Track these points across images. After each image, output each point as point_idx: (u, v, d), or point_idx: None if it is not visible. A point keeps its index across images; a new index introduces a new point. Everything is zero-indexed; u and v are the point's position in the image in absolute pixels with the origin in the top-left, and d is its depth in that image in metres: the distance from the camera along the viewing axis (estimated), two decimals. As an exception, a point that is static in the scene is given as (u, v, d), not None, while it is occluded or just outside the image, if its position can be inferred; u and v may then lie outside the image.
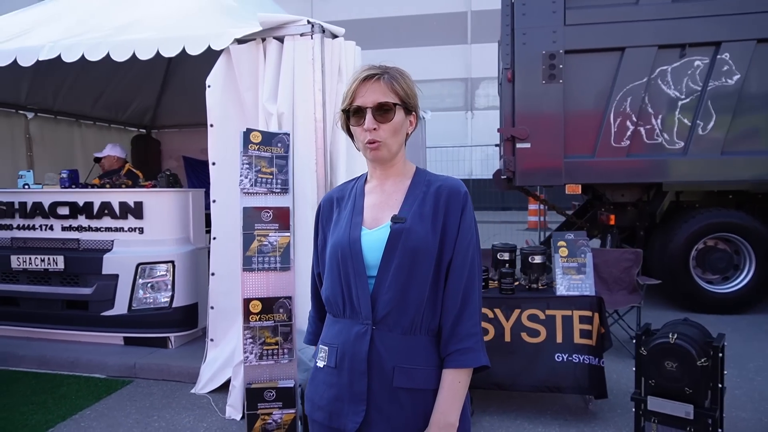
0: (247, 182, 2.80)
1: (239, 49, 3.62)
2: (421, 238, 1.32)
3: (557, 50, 5.48)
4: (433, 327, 1.34)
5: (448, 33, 18.03)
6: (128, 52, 3.77)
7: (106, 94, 7.46)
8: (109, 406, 3.47)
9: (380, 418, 1.30)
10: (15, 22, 4.80)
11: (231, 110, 3.68)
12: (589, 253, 3.41)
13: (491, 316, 3.33)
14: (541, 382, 3.24)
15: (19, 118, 6.83)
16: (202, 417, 3.31)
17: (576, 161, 5.53)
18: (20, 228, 4.51)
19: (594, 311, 3.26)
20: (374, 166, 1.43)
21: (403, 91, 1.36)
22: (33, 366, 4.15)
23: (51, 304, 4.41)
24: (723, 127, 5.26)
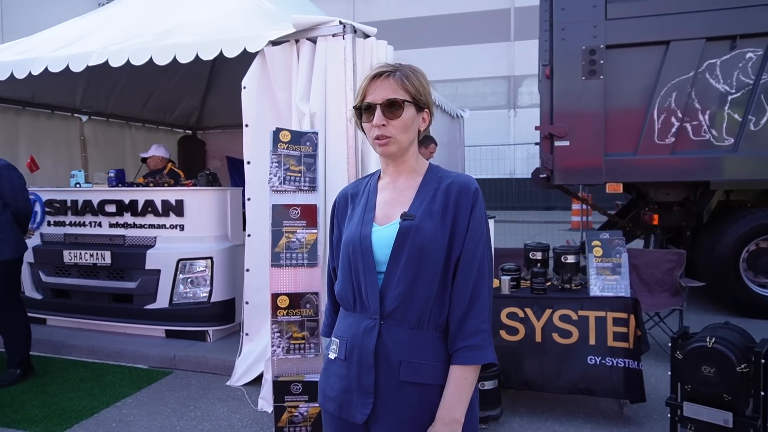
0: (276, 180, 2.87)
1: (273, 50, 3.71)
2: (429, 235, 1.33)
3: (598, 45, 5.33)
4: (441, 323, 1.35)
5: (491, 30, 17.82)
6: (169, 55, 3.93)
7: (154, 97, 7.77)
8: (149, 395, 3.63)
9: (387, 411, 1.32)
10: (68, 30, 5.08)
11: (266, 110, 3.78)
12: (625, 253, 3.31)
13: (522, 316, 3.29)
14: (573, 384, 3.17)
15: (75, 121, 7.21)
16: (235, 408, 3.41)
17: (617, 159, 5.36)
18: (72, 225, 4.78)
19: (629, 313, 3.17)
20: (386, 162, 1.46)
21: (414, 88, 1.38)
22: (83, 355, 4.38)
23: (99, 297, 4.65)
24: (777, 122, 4.99)
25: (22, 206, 3.81)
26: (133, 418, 3.30)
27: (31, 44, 4.97)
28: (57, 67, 4.22)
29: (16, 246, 3.81)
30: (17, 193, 3.78)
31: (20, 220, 3.85)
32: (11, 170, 3.80)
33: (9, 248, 3.76)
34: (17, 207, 3.78)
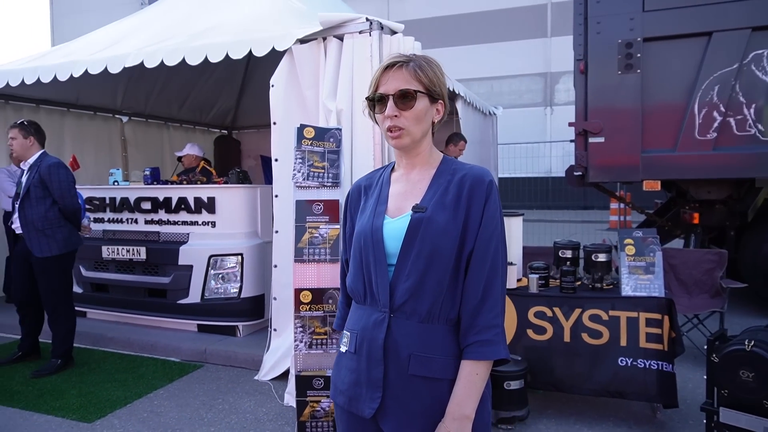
0: (300, 176, 2.89)
1: (301, 48, 3.74)
2: (440, 227, 1.30)
3: (635, 38, 5.16)
4: (452, 317, 1.32)
5: (528, 27, 17.53)
6: (201, 56, 4.02)
7: (191, 98, 7.97)
8: (180, 388, 3.72)
9: (396, 406, 1.31)
10: (109, 33, 5.27)
11: (293, 108, 3.81)
12: (659, 251, 3.18)
13: (550, 315, 3.21)
14: (603, 387, 3.07)
15: (115, 122, 7.48)
16: (262, 402, 3.45)
17: (655, 156, 5.17)
18: (110, 221, 4.94)
19: (663, 314, 3.05)
20: (400, 154, 1.44)
21: (428, 79, 1.35)
22: (119, 347, 4.53)
23: (135, 292, 4.79)
24: (830, 115, 4.72)
25: (69, 203, 3.94)
26: (164, 409, 3.39)
27: (74, 47, 5.17)
28: (96, 69, 4.37)
29: (65, 243, 3.95)
30: (64, 191, 3.91)
31: (69, 217, 3.99)
32: (60, 168, 3.94)
33: (57, 245, 3.91)
34: (64, 204, 3.92)
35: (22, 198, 3.93)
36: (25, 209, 3.92)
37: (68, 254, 4.03)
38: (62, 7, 23.65)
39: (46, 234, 3.91)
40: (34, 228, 3.90)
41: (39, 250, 3.90)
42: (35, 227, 3.90)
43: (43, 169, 3.91)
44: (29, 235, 3.92)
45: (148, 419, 3.25)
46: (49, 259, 3.91)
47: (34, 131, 4.04)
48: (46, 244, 3.90)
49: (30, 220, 3.90)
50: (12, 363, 4.15)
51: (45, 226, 3.91)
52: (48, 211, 3.92)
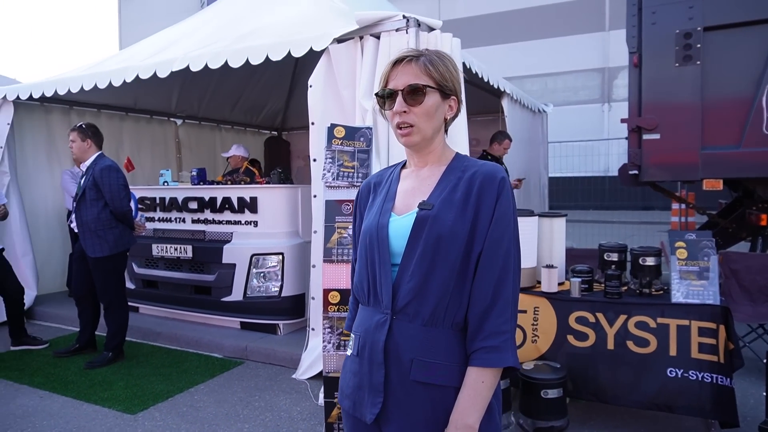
0: (330, 176, 2.88)
1: (338, 48, 3.74)
2: (447, 225, 1.24)
3: (694, 28, 4.84)
4: (459, 321, 1.25)
5: (584, 21, 16.90)
6: (242, 58, 4.10)
7: (242, 100, 8.19)
8: (220, 384, 3.80)
9: (399, 412, 1.26)
10: (159, 39, 5.47)
11: (331, 108, 3.81)
12: (714, 256, 2.96)
13: (592, 321, 3.05)
14: (650, 399, 2.88)
15: (170, 124, 7.78)
16: (297, 401, 3.47)
17: (716, 153, 4.83)
18: (160, 220, 5.14)
19: (719, 323, 2.83)
20: (411, 153, 1.38)
21: (439, 74, 1.30)
22: (166, 342, 4.70)
23: (182, 289, 4.95)
24: None
25: (118, 206, 4.09)
26: (203, 404, 3.47)
27: (129, 54, 5.40)
28: (146, 74, 4.55)
29: (115, 243, 4.12)
30: (114, 193, 4.07)
31: (119, 219, 4.15)
32: (111, 171, 4.10)
33: (108, 245, 4.09)
34: (114, 206, 4.08)
35: (79, 199, 4.14)
36: (81, 210, 4.12)
37: (119, 254, 4.19)
38: (130, 15, 24.93)
39: (98, 235, 4.09)
40: (88, 229, 4.09)
41: (92, 251, 4.09)
42: (89, 228, 4.09)
43: (96, 172, 4.09)
44: (84, 235, 4.12)
45: (186, 413, 3.33)
46: (101, 259, 4.09)
47: (92, 134, 4.24)
48: (98, 245, 4.08)
49: (84, 221, 4.10)
50: (70, 354, 4.37)
51: (98, 227, 4.08)
52: (101, 213, 4.10)
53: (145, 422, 3.22)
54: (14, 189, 5.55)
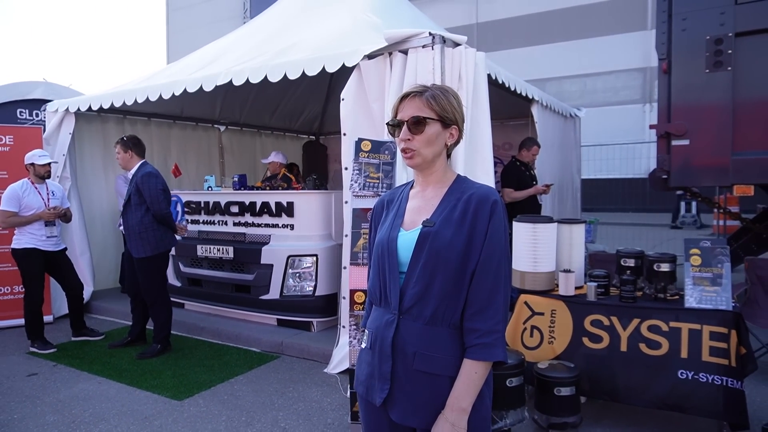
0: (357, 186, 3.12)
1: (368, 64, 3.98)
2: (446, 240, 1.46)
3: (726, 33, 4.85)
4: (455, 321, 1.47)
5: (624, 20, 16.60)
6: (280, 73, 4.39)
7: (281, 107, 8.56)
8: (258, 375, 4.10)
9: (403, 396, 1.49)
10: (205, 54, 5.85)
11: (361, 120, 4.06)
12: (728, 263, 3.04)
13: (607, 324, 3.18)
14: (661, 399, 3.00)
15: (214, 131, 8.22)
16: (328, 393, 3.73)
17: (747, 158, 4.81)
18: (204, 223, 5.51)
19: (730, 328, 2.92)
20: (416, 173, 1.61)
21: (440, 107, 1.52)
22: (209, 336, 5.05)
23: (224, 287, 5.30)
24: None
25: (157, 209, 4.42)
26: (242, 393, 3.77)
27: (178, 68, 5.81)
28: (193, 88, 4.91)
29: (156, 244, 4.48)
30: (153, 198, 4.41)
31: (161, 221, 4.50)
32: (151, 177, 4.47)
33: (150, 246, 4.46)
34: (154, 210, 4.42)
35: (125, 204, 4.53)
36: (127, 214, 4.51)
37: (161, 254, 4.54)
38: (177, 24, 25.95)
39: (141, 237, 4.45)
40: (133, 231, 4.47)
41: (136, 252, 4.46)
42: (134, 230, 4.46)
43: (138, 179, 4.46)
44: (129, 237, 4.51)
45: (227, 401, 3.64)
46: (144, 259, 4.46)
47: (132, 145, 4.61)
48: (141, 246, 4.45)
49: (130, 224, 4.48)
50: (123, 346, 4.78)
51: (141, 230, 4.45)
52: (144, 217, 4.46)
53: (191, 408, 3.55)
54: (74, 193, 6.04)
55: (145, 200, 4.42)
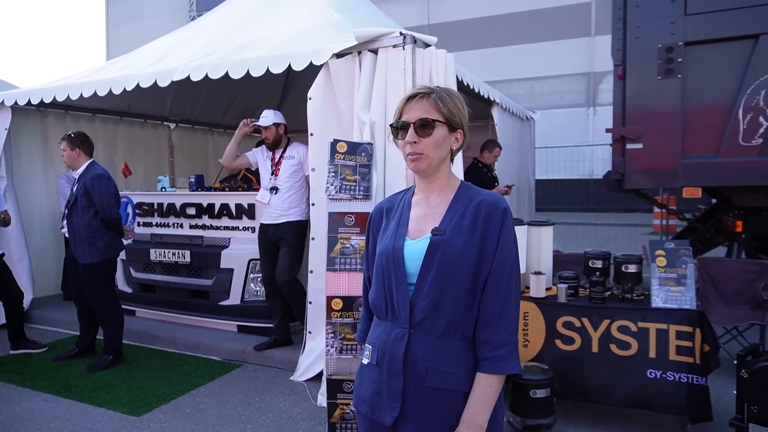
0: (333, 189, 3.02)
1: (337, 63, 3.87)
2: (457, 250, 1.40)
3: (676, 42, 5.07)
4: (468, 333, 1.41)
5: (571, 25, 17.21)
6: (243, 70, 4.21)
7: (235, 105, 8.27)
8: (220, 386, 3.92)
9: (414, 414, 1.41)
10: (159, 47, 5.56)
11: (329, 120, 3.95)
12: (691, 263, 3.16)
13: (578, 325, 3.23)
14: (631, 398, 3.08)
15: (164, 128, 7.86)
16: (297, 402, 3.61)
17: (695, 162, 5.07)
18: (158, 225, 5.23)
19: (695, 327, 3.03)
20: (420, 178, 1.53)
21: (448, 109, 1.45)
22: (164, 345, 4.80)
23: (180, 293, 5.06)
24: None
25: (108, 214, 4.16)
26: (205, 405, 3.59)
27: (127, 62, 5.49)
28: (147, 83, 4.64)
29: (104, 250, 4.20)
30: (104, 201, 4.14)
31: (110, 226, 4.23)
32: (103, 180, 4.18)
33: (98, 252, 4.17)
34: (104, 215, 4.15)
35: (70, 206, 4.23)
36: (72, 217, 4.21)
37: (109, 260, 4.28)
38: (117, 16, 24.77)
39: (89, 242, 4.17)
40: (79, 235, 4.17)
41: (82, 257, 4.18)
42: (80, 235, 4.17)
43: (88, 181, 4.17)
44: (74, 242, 4.21)
45: (190, 415, 3.45)
46: (91, 265, 4.18)
47: (80, 143, 4.31)
48: (88, 252, 4.17)
49: (75, 228, 4.18)
50: (70, 359, 4.46)
51: (88, 234, 4.17)
52: (91, 221, 4.17)
53: (151, 424, 3.34)
54: (11, 194, 5.60)
55: (93, 203, 4.14)
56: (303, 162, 4.32)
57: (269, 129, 4.43)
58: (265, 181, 4.38)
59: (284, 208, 4.30)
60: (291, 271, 4.30)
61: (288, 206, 4.31)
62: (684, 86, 5.06)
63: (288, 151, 4.44)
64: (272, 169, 4.38)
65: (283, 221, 4.29)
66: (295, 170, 4.35)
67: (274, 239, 4.32)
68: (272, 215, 4.32)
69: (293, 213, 4.32)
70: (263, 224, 4.38)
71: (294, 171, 4.35)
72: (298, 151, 4.39)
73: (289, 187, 4.32)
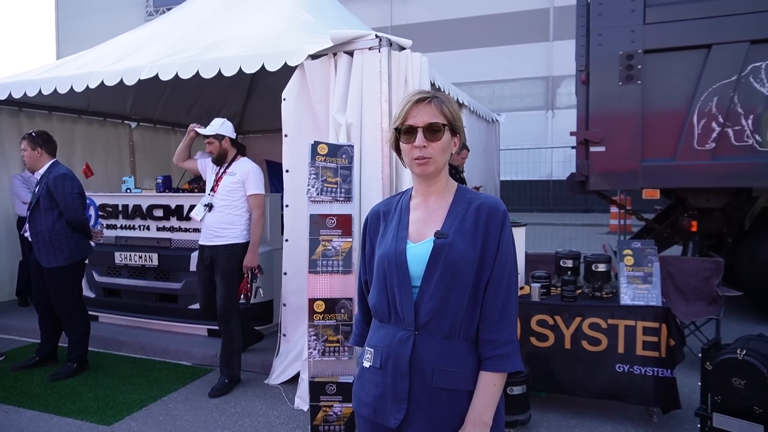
0: (314, 191, 3.01)
1: (312, 64, 3.86)
2: (461, 252, 1.43)
3: (636, 50, 5.29)
4: (471, 333, 1.45)
5: (530, 31, 17.66)
6: (215, 69, 4.14)
7: (199, 103, 8.10)
8: (193, 391, 3.84)
9: (420, 416, 1.43)
10: (121, 44, 5.40)
11: (304, 121, 3.94)
12: (657, 262, 3.31)
13: (551, 323, 3.34)
14: (601, 390, 3.23)
15: (125, 127, 7.62)
16: (273, 406, 3.58)
17: (654, 165, 5.30)
18: (123, 228, 5.08)
19: (661, 322, 3.18)
20: (419, 181, 1.54)
21: (451, 114, 1.48)
22: (131, 351, 4.66)
23: (147, 297, 4.92)
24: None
25: (73, 215, 4.00)
26: (179, 412, 3.51)
27: (88, 58, 5.30)
28: (112, 81, 4.50)
29: (70, 253, 4.04)
30: (68, 202, 3.99)
31: (75, 228, 4.07)
32: (66, 180, 4.02)
33: (64, 255, 4.01)
34: (68, 216, 3.99)
35: (33, 208, 4.05)
36: (35, 219, 4.03)
37: (75, 264, 4.12)
38: (68, 10, 23.81)
39: (53, 245, 4.01)
40: (43, 238, 4.00)
41: (47, 261, 4.01)
42: (44, 238, 4.00)
43: (50, 181, 4.01)
44: (38, 245, 4.03)
45: (164, 422, 3.37)
46: (56, 269, 4.01)
47: (42, 142, 4.13)
48: (53, 255, 4.01)
49: (39, 230, 4.01)
50: (30, 368, 4.27)
51: (52, 237, 4.00)
52: (56, 223, 4.01)
53: (123, 432, 3.25)
54: (-39, 195, 5.32)
55: (57, 204, 3.98)
56: (244, 180, 3.83)
57: (212, 141, 3.94)
58: (205, 196, 3.95)
59: (217, 229, 3.82)
60: (227, 303, 3.82)
61: (222, 227, 3.81)
62: (643, 92, 5.28)
63: (231, 167, 3.91)
64: (212, 185, 3.94)
65: (215, 243, 3.81)
66: (233, 188, 3.83)
67: (207, 263, 3.86)
68: (206, 235, 3.86)
69: (227, 235, 3.80)
70: (200, 245, 3.94)
71: (232, 189, 3.83)
72: (242, 169, 3.87)
73: (225, 206, 3.82)
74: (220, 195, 3.86)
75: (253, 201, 3.85)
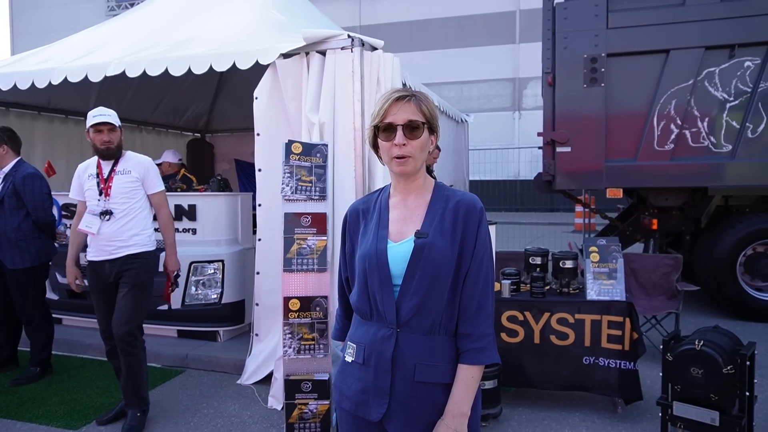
0: (288, 190, 3.02)
1: (284, 63, 3.85)
2: (441, 251, 1.46)
3: (599, 54, 5.46)
4: (451, 328, 1.49)
5: (496, 33, 17.95)
6: (184, 67, 4.08)
7: (165, 102, 7.95)
8: (164, 393, 3.79)
9: (401, 410, 1.47)
10: (85, 40, 5.26)
11: (276, 120, 3.92)
12: (621, 258, 3.44)
13: (521, 319, 3.43)
14: (569, 382, 3.35)
15: (87, 125, 7.38)
16: (246, 406, 3.56)
17: (617, 165, 5.49)
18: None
19: (624, 317, 3.30)
20: (398, 179, 1.56)
21: (429, 112, 1.50)
22: (97, 354, 4.54)
23: (114, 298, 4.79)
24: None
25: (42, 216, 3.92)
26: (149, 414, 3.44)
27: (50, 53, 5.14)
28: (76, 77, 4.38)
29: (37, 254, 3.94)
30: (37, 203, 3.89)
31: (42, 229, 3.97)
32: (35, 180, 3.92)
33: (30, 256, 3.90)
34: (37, 217, 3.90)
35: None
36: None
37: (41, 265, 4.02)
38: (23, 2, 22.95)
39: (19, 246, 3.89)
40: (8, 239, 3.88)
41: (12, 262, 3.89)
42: (8, 238, 3.88)
43: (17, 180, 3.89)
44: (2, 246, 3.90)
45: (134, 424, 3.31)
46: (22, 271, 3.90)
47: (8, 139, 4.01)
48: (18, 256, 3.89)
49: (3, 231, 3.88)
50: (-13, 373, 4.13)
51: (18, 238, 3.89)
52: (22, 223, 3.90)
53: (91, 436, 3.18)
54: None
55: (24, 205, 3.86)
56: (143, 178, 3.35)
57: (114, 129, 3.42)
58: (93, 204, 3.25)
59: (123, 238, 3.23)
60: (134, 319, 3.22)
61: (129, 234, 3.25)
62: (607, 94, 5.46)
63: (120, 164, 3.34)
64: (100, 188, 3.26)
65: (123, 254, 3.22)
66: (132, 188, 3.29)
67: (111, 279, 3.26)
68: (105, 249, 3.23)
69: (136, 243, 3.27)
70: (92, 261, 3.32)
71: (131, 189, 3.28)
72: (138, 165, 3.38)
73: (127, 211, 3.25)
74: (116, 198, 3.23)
75: (158, 199, 3.41)
